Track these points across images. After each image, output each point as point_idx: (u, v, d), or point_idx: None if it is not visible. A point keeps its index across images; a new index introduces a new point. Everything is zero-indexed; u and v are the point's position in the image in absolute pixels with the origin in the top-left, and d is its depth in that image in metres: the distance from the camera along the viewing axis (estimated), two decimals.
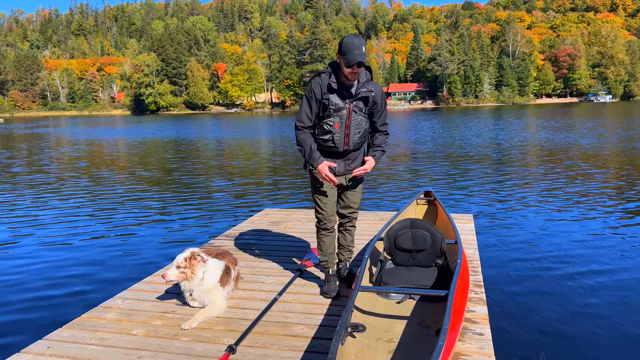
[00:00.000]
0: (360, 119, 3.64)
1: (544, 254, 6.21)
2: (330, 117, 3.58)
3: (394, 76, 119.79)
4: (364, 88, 3.56)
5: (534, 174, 13.07)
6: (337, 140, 3.63)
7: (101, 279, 5.73)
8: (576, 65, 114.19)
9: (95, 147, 26.60)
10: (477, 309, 3.67)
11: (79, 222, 8.77)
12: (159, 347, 3.18)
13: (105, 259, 6.55)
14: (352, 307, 3.16)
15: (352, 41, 3.36)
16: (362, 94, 3.56)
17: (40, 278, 5.83)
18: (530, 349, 3.89)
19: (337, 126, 3.58)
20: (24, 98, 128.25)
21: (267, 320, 3.55)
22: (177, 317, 3.64)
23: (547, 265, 5.80)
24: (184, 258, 3.67)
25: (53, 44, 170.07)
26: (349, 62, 3.34)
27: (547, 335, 4.15)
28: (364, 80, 3.58)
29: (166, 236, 7.67)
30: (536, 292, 4.97)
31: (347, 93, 3.55)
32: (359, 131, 3.66)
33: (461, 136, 26.07)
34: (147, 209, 9.79)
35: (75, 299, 5.08)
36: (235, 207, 9.78)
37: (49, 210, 9.81)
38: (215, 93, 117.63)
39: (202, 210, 9.57)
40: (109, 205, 10.19)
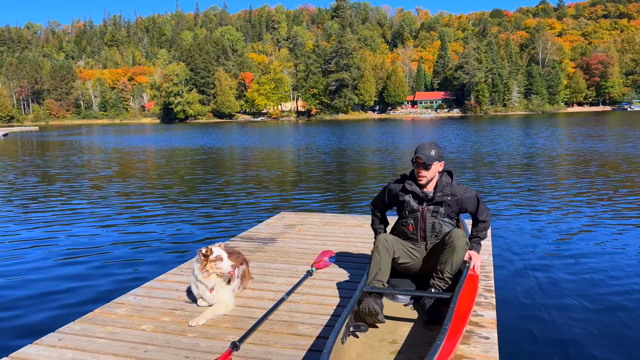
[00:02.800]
0: (436, 222, 3.70)
1: (561, 263, 6.07)
2: (405, 218, 3.78)
3: (420, 84, 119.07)
4: (440, 193, 3.67)
5: (557, 183, 12.80)
6: (412, 240, 3.79)
7: (117, 276, 5.88)
8: (609, 73, 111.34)
9: (126, 153, 27.24)
10: (485, 313, 3.61)
11: (102, 222, 9.00)
12: (165, 342, 3.24)
13: (124, 257, 6.71)
14: (353, 306, 3.16)
15: (422, 144, 3.68)
16: (438, 198, 3.67)
17: (60, 274, 6.01)
18: (536, 355, 3.80)
19: (410, 227, 3.75)
20: (58, 107, 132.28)
21: (272, 319, 3.58)
22: (186, 314, 3.69)
23: (563, 274, 5.66)
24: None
25: (87, 55, 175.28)
26: (413, 157, 3.64)
27: (558, 344, 4.05)
28: (443, 184, 3.70)
29: (183, 237, 7.81)
30: (550, 301, 4.86)
31: (424, 196, 3.70)
32: (436, 234, 3.73)
33: (484, 143, 25.72)
34: (168, 211, 9.97)
35: (91, 294, 5.22)
36: (253, 211, 9.87)
37: (76, 210, 10.09)
38: (242, 102, 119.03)
39: (221, 213, 9.70)
40: (132, 206, 10.42)
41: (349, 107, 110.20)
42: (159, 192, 12.92)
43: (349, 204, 10.74)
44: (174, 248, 7.19)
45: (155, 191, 13.03)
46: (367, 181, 14.27)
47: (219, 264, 3.65)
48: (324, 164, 19.36)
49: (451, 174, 3.81)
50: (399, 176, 3.90)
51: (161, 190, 13.26)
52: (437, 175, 3.71)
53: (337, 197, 11.65)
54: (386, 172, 16.03)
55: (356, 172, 16.50)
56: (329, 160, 20.68)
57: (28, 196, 12.61)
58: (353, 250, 5.30)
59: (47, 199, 12.05)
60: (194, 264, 3.76)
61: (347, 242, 5.69)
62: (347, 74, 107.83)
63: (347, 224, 6.67)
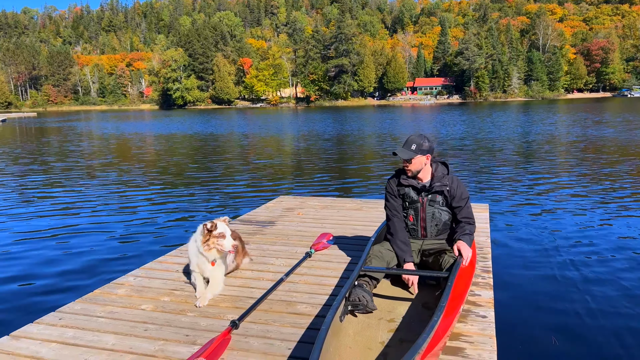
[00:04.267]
0: (436, 212, 3.75)
1: (558, 246, 6.10)
2: (405, 210, 3.80)
3: (420, 70, 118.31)
4: (438, 182, 3.73)
5: (556, 167, 12.82)
6: (412, 231, 3.81)
7: (117, 257, 5.93)
8: (609, 59, 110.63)
9: (126, 139, 27.18)
10: (483, 293, 3.64)
11: (103, 205, 9.02)
12: (165, 322, 3.27)
13: (123, 239, 6.76)
14: (352, 285, 3.18)
15: (408, 138, 3.70)
16: (436, 188, 3.72)
17: (60, 256, 6.05)
18: (534, 334, 3.84)
19: (411, 218, 3.79)
20: (56, 93, 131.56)
21: (272, 299, 3.61)
22: (185, 295, 3.72)
23: (560, 257, 5.69)
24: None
25: (84, 40, 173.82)
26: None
27: (555, 323, 4.09)
28: (439, 175, 3.76)
29: (183, 220, 7.86)
30: (546, 282, 4.90)
31: (422, 187, 3.75)
32: (436, 223, 3.77)
33: (485, 129, 25.68)
34: (168, 194, 9.99)
35: (91, 275, 5.27)
36: (253, 195, 9.90)
37: (76, 194, 10.10)
38: (241, 88, 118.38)
39: (221, 197, 9.73)
40: (133, 190, 10.43)
41: (349, 94, 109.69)
42: (158, 176, 12.92)
43: (348, 188, 10.76)
44: (173, 230, 7.24)
45: (155, 175, 13.03)
46: (367, 166, 14.28)
47: (221, 241, 3.63)
48: (323, 149, 19.34)
49: (446, 166, 3.86)
50: (394, 171, 3.94)
51: (161, 174, 13.27)
52: (426, 167, 3.73)
53: (336, 181, 11.66)
54: (385, 158, 16.03)
55: (355, 157, 16.50)
56: (328, 146, 20.66)
57: (29, 179, 12.61)
58: (351, 233, 5.33)
59: (47, 183, 12.05)
60: (196, 235, 3.72)
61: (346, 225, 5.71)
62: (346, 60, 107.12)
63: (345, 208, 6.69)
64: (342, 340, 2.83)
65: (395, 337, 2.98)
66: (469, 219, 3.75)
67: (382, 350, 2.82)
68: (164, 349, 2.91)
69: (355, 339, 2.92)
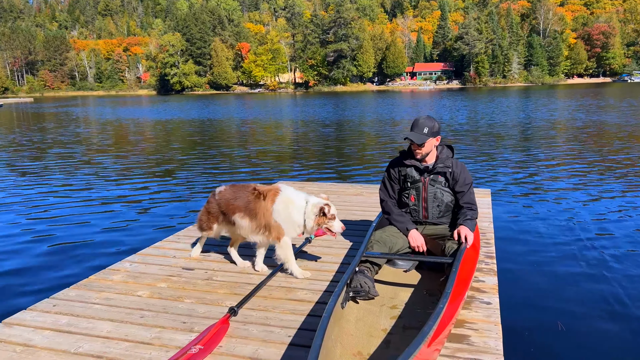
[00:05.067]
0: (438, 192, 3.64)
1: (562, 231, 6.03)
2: (407, 190, 3.70)
3: (419, 55, 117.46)
4: (442, 164, 3.63)
5: (560, 153, 12.72)
6: (413, 212, 3.70)
7: (113, 243, 5.84)
8: (610, 44, 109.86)
9: (122, 124, 26.97)
10: (487, 279, 3.57)
11: (98, 191, 8.92)
12: (162, 308, 3.19)
13: (119, 225, 6.67)
14: (353, 271, 3.10)
15: (416, 120, 3.59)
16: (439, 169, 3.63)
17: (55, 242, 5.96)
18: (539, 320, 3.78)
19: (412, 198, 3.68)
20: (53, 78, 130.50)
21: (271, 285, 3.53)
22: (183, 281, 3.64)
23: (564, 242, 5.63)
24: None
25: (81, 25, 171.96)
26: (404, 139, 3.57)
27: (560, 309, 4.03)
28: (444, 157, 3.66)
29: (179, 205, 7.77)
30: (550, 267, 4.83)
31: (425, 168, 3.65)
32: (438, 204, 3.66)
33: (484, 114, 25.51)
34: (164, 181, 9.89)
35: (87, 261, 5.18)
36: (250, 181, 9.78)
37: (71, 179, 9.99)
38: (239, 73, 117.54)
39: (218, 183, 9.62)
40: (129, 176, 10.33)
41: (348, 79, 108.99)
42: (155, 162, 12.81)
43: (348, 173, 10.66)
44: (170, 216, 7.15)
45: (152, 161, 12.91)
46: (367, 152, 14.17)
47: (331, 223, 3.52)
48: (322, 135, 19.21)
49: (452, 149, 3.77)
50: (398, 153, 3.84)
51: (157, 160, 13.15)
52: (434, 149, 3.65)
53: (336, 167, 11.56)
54: (386, 143, 15.91)
55: (356, 143, 16.37)
56: (327, 131, 20.52)
57: (23, 165, 12.49)
58: (352, 219, 5.24)
59: (42, 168, 11.93)
60: (307, 210, 3.51)
61: (346, 210, 5.62)
62: (345, 45, 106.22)
63: (346, 193, 6.60)
64: (344, 327, 2.76)
65: (398, 324, 2.90)
66: (471, 204, 3.65)
67: (384, 338, 2.74)
68: (160, 336, 2.83)
69: (357, 326, 2.84)
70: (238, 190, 3.76)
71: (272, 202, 3.56)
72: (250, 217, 3.62)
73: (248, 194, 3.68)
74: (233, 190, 3.79)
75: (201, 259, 4.11)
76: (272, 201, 3.56)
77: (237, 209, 3.68)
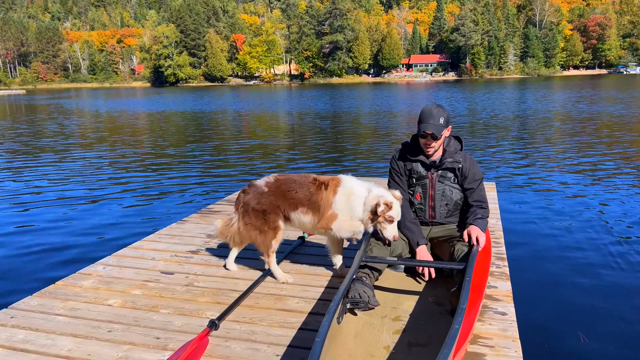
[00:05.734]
0: (446, 189, 3.26)
1: (574, 226, 5.67)
2: (412, 187, 3.32)
3: (415, 47, 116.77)
4: (450, 158, 3.24)
5: (566, 145, 12.38)
6: (419, 212, 3.32)
7: (88, 243, 5.42)
8: (606, 36, 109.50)
9: (114, 117, 26.45)
10: (500, 285, 3.20)
11: (75, 186, 8.49)
12: (134, 320, 2.81)
13: (98, 223, 6.26)
14: (351, 280, 2.72)
15: (428, 110, 3.16)
16: (447, 164, 3.24)
17: (24, 241, 5.55)
18: (559, 330, 3.42)
19: (418, 196, 3.31)
20: (46, 70, 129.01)
21: (259, 292, 3.15)
22: (160, 287, 3.26)
23: (578, 239, 5.27)
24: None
25: (73, 16, 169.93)
26: (419, 129, 3.16)
27: (580, 316, 3.67)
28: (452, 150, 3.28)
29: (165, 202, 7.36)
30: (566, 268, 4.46)
31: (432, 162, 3.26)
32: (447, 203, 3.28)
33: (485, 106, 25.13)
34: (149, 176, 9.47)
35: (56, 264, 4.77)
36: (243, 174, 9.40)
37: (50, 175, 9.57)
38: (234, 65, 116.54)
39: (209, 178, 9.22)
40: (112, 171, 9.91)
41: (343, 71, 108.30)
42: (140, 156, 12.37)
43: (346, 166, 10.28)
44: (152, 214, 6.73)
45: (137, 156, 12.48)
46: (365, 144, 13.78)
47: (386, 225, 2.99)
48: (318, 127, 18.80)
49: (460, 141, 3.39)
50: (400, 145, 3.46)
51: (143, 154, 12.71)
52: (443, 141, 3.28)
53: (333, 160, 11.17)
54: (384, 135, 15.53)
55: (353, 135, 15.98)
56: (324, 124, 20.09)
57: None
58: None
59: (20, 163, 11.49)
60: (368, 200, 3.02)
61: None
62: (341, 36, 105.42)
63: None
64: (341, 345, 2.39)
65: (402, 340, 2.53)
66: (481, 202, 3.28)
67: (387, 357, 2.37)
68: (128, 355, 2.45)
69: (356, 343, 2.47)
70: (292, 181, 3.27)
71: (333, 193, 3.15)
72: (314, 211, 3.18)
73: (308, 185, 3.21)
74: (285, 181, 3.28)
75: (182, 261, 3.72)
76: (333, 192, 3.15)
77: (299, 203, 3.20)
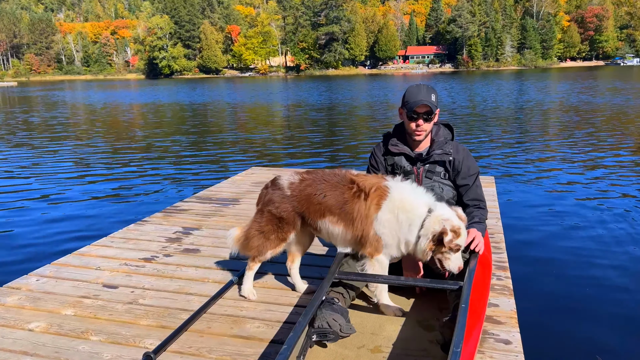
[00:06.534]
0: (436, 186, 2.73)
1: (586, 224, 5.15)
2: None
3: (412, 39, 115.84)
4: (439, 150, 2.72)
5: (575, 138, 11.88)
6: None
7: (30, 248, 4.81)
8: (603, 27, 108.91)
9: (96, 109, 25.80)
10: (502, 303, 2.68)
11: (38, 181, 7.93)
12: (54, 352, 2.28)
13: (47, 224, 5.65)
14: (319, 304, 2.19)
15: (416, 87, 2.72)
16: (436, 156, 2.72)
17: None
18: None
19: None
20: (39, 62, 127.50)
21: (213, 313, 2.62)
22: (98, 305, 2.73)
23: (591, 236, 4.74)
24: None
25: (67, 7, 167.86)
26: (410, 108, 2.65)
27: (594, 331, 3.16)
28: (441, 140, 2.75)
29: (129, 201, 6.75)
30: (581, 275, 3.92)
31: (418, 155, 2.75)
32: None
33: (480, 99, 24.57)
34: (119, 168, 8.89)
35: None
36: (223, 168, 8.82)
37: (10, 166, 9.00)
38: (229, 57, 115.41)
39: (185, 171, 8.66)
40: (79, 163, 9.35)
41: (339, 62, 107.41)
42: (113, 149, 11.78)
43: (338, 159, 9.73)
44: (111, 213, 6.03)
45: (109, 148, 11.89)
46: (357, 136, 13.25)
47: (450, 256, 2.37)
48: (311, 119, 18.23)
49: (451, 129, 2.88)
50: (382, 136, 2.95)
51: (116, 148, 12.11)
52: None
53: (324, 152, 10.61)
54: (379, 128, 14.99)
55: (346, 127, 15.42)
56: (318, 115, 19.51)
57: None
58: None
59: None
60: (429, 221, 2.35)
61: None
62: (337, 27, 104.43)
63: None
64: None
65: None
66: (478, 201, 2.76)
67: None
68: None
69: None
70: (321, 181, 2.57)
71: (376, 207, 2.42)
72: (346, 223, 2.48)
73: (343, 190, 2.50)
74: (313, 182, 2.58)
75: (132, 271, 3.19)
76: (376, 206, 2.42)
77: (327, 211, 2.51)
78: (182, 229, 4.00)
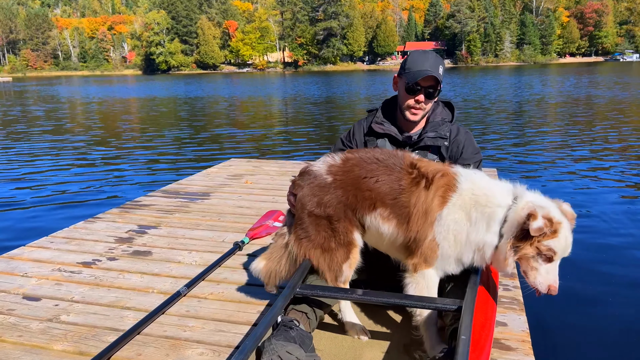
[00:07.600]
0: None
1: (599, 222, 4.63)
2: None
3: (411, 34, 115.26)
4: (432, 132, 2.17)
5: (574, 132, 11.36)
6: None
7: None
8: (603, 22, 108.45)
9: (81, 104, 25.22)
10: (511, 320, 2.15)
11: None
12: None
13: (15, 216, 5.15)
14: (270, 329, 1.64)
15: (423, 53, 2.21)
16: (428, 140, 2.17)
17: None
18: None
19: None
20: (35, 57, 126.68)
21: (148, 334, 2.08)
22: (9, 323, 2.19)
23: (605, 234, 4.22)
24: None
25: (64, 2, 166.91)
26: (412, 78, 2.13)
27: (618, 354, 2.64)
28: (437, 122, 2.19)
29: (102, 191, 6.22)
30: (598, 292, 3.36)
31: (407, 138, 2.21)
32: None
33: (490, 91, 24.03)
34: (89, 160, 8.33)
35: None
36: (202, 161, 8.24)
37: None
38: (226, 52, 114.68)
39: (161, 164, 8.12)
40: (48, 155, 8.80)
41: (338, 58, 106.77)
42: (86, 143, 11.22)
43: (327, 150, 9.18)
44: (66, 209, 5.46)
45: (82, 142, 11.33)
46: None
47: (539, 263, 1.69)
48: (307, 113, 17.69)
49: (451, 108, 2.33)
50: (366, 112, 2.40)
51: (91, 142, 11.54)
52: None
53: (314, 146, 10.06)
54: None
55: (343, 120, 14.87)
56: (315, 110, 18.92)
57: None
58: None
59: None
60: (512, 211, 1.70)
61: None
62: (335, 23, 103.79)
63: None
64: None
65: None
66: None
67: None
68: None
69: None
70: (373, 160, 1.93)
71: (441, 200, 1.79)
72: (399, 220, 1.85)
73: (401, 174, 1.87)
74: (360, 161, 1.93)
75: (64, 279, 2.65)
76: (441, 199, 1.79)
77: (379, 200, 1.87)
78: (137, 227, 3.46)
